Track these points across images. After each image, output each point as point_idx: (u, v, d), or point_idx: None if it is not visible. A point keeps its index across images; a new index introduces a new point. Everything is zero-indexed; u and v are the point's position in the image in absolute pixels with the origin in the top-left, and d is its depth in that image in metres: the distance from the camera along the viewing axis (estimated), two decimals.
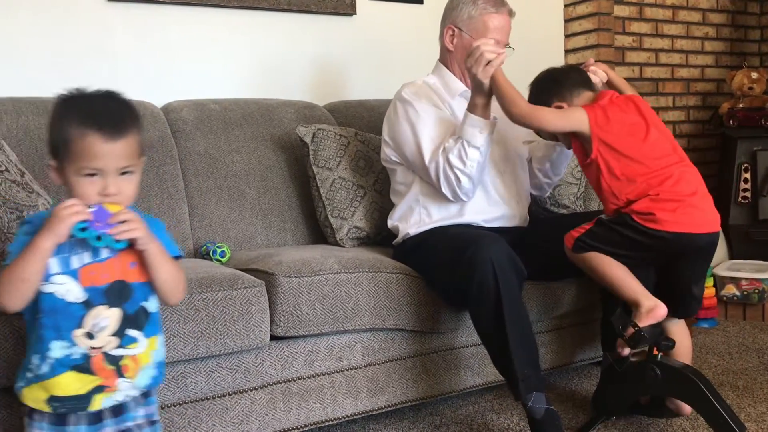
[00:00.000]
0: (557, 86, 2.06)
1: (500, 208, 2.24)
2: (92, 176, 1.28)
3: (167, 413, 1.79)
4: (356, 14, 3.09)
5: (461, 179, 2.09)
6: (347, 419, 2.07)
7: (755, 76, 3.74)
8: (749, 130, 3.64)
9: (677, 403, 2.02)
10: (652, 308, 1.90)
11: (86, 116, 1.28)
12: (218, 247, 2.26)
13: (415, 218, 2.24)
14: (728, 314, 3.33)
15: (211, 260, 2.23)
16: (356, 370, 2.06)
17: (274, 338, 1.93)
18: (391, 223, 2.33)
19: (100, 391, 1.31)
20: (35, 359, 1.30)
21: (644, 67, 3.87)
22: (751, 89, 3.73)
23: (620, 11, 3.76)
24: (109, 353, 1.31)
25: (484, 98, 2.04)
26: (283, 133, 2.64)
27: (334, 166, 2.48)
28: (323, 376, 2.01)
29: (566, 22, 3.74)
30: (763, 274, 3.28)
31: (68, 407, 1.30)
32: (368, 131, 2.65)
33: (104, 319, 1.30)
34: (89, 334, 1.29)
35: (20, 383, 1.33)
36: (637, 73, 3.84)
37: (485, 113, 2.05)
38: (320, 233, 2.55)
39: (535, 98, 2.06)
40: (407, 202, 2.27)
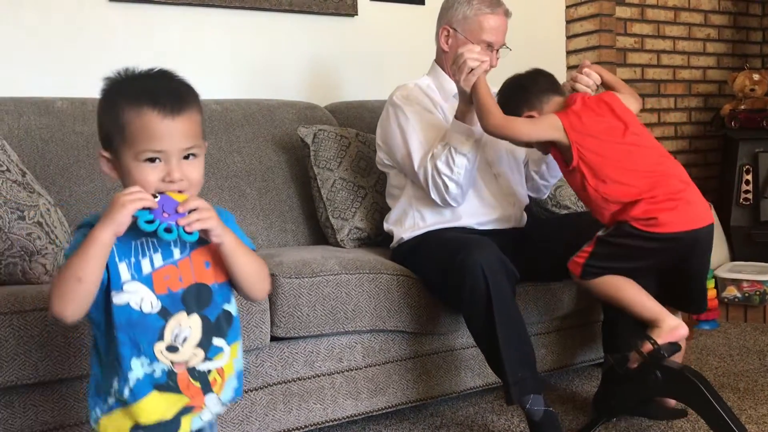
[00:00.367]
0: (525, 93, 2.01)
1: (494, 210, 2.23)
2: (153, 161, 1.15)
3: None
4: (358, 15, 3.09)
5: (449, 186, 2.08)
6: (347, 420, 2.07)
7: (757, 77, 3.74)
8: (751, 131, 3.64)
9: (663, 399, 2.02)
10: (675, 327, 1.87)
11: (141, 93, 1.15)
12: None
13: (409, 222, 2.24)
14: (729, 316, 3.33)
15: None
16: (357, 371, 2.06)
17: (274, 339, 1.93)
18: (386, 226, 2.32)
19: (187, 411, 1.19)
20: (115, 382, 1.15)
21: (646, 68, 3.87)
22: (752, 91, 3.73)
23: (622, 12, 3.76)
24: (194, 368, 1.18)
25: (468, 105, 2.03)
26: (284, 133, 2.64)
27: (335, 166, 2.48)
28: (323, 376, 2.01)
29: (568, 23, 3.74)
30: (764, 275, 3.28)
31: None
32: (369, 132, 2.65)
33: (186, 328, 1.17)
34: (171, 347, 1.16)
35: (97, 412, 1.18)
36: (638, 74, 3.83)
37: (470, 120, 2.04)
38: (321, 234, 2.55)
39: (504, 108, 1.99)
40: (401, 205, 2.26)
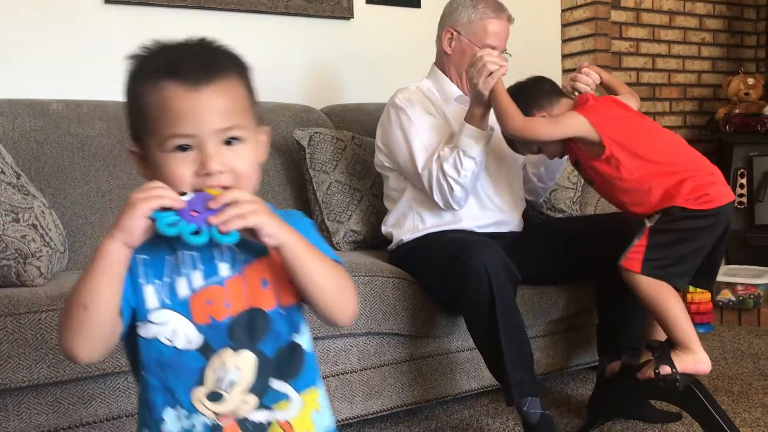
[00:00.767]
0: (532, 97, 2.02)
1: (494, 214, 2.24)
2: (184, 150, 0.91)
3: None
4: (353, 18, 3.09)
5: (454, 188, 2.08)
6: (342, 423, 2.07)
7: (751, 81, 3.75)
8: (745, 135, 3.65)
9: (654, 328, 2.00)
10: (701, 361, 1.87)
11: (160, 65, 0.93)
12: None
13: (408, 224, 2.24)
14: (724, 319, 3.34)
15: None
16: (352, 374, 2.06)
17: None
18: (385, 229, 2.32)
19: None
20: None
21: (641, 72, 3.88)
22: (747, 95, 3.74)
23: (617, 16, 3.77)
24: (247, 419, 0.92)
25: (482, 109, 2.03)
26: (279, 136, 2.64)
27: (330, 169, 2.48)
28: None
29: (563, 26, 3.75)
30: (758, 279, 3.29)
31: None
32: (365, 135, 2.65)
33: (233, 369, 0.91)
34: (214, 394, 0.91)
35: None
36: (633, 78, 3.84)
37: (482, 124, 2.04)
38: None
39: None
40: (400, 208, 2.26)
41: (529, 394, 1.86)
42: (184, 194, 0.90)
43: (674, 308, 1.86)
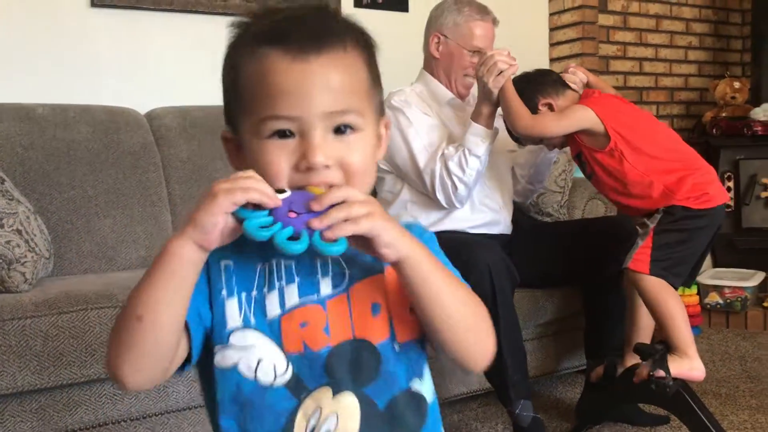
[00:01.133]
0: (539, 85, 2.06)
1: (485, 215, 2.24)
2: (283, 137, 0.74)
3: (148, 423, 1.77)
4: None
5: (458, 187, 2.09)
6: None
7: (737, 85, 3.77)
8: (732, 138, 3.66)
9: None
10: (696, 368, 1.88)
11: (263, 30, 0.77)
12: None
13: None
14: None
15: None
16: None
17: None
18: None
19: None
20: None
21: (628, 75, 3.89)
22: (733, 98, 3.76)
23: (605, 20, 3.78)
24: None
25: (490, 107, 2.04)
26: None
27: None
28: None
29: (551, 30, 3.75)
30: (746, 282, 3.30)
31: None
32: None
33: (331, 417, 0.73)
34: None
35: None
36: (621, 81, 3.85)
37: (489, 123, 2.06)
38: None
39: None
40: (395, 209, 2.26)
41: (522, 396, 1.86)
42: (281, 192, 0.73)
43: (677, 311, 1.88)
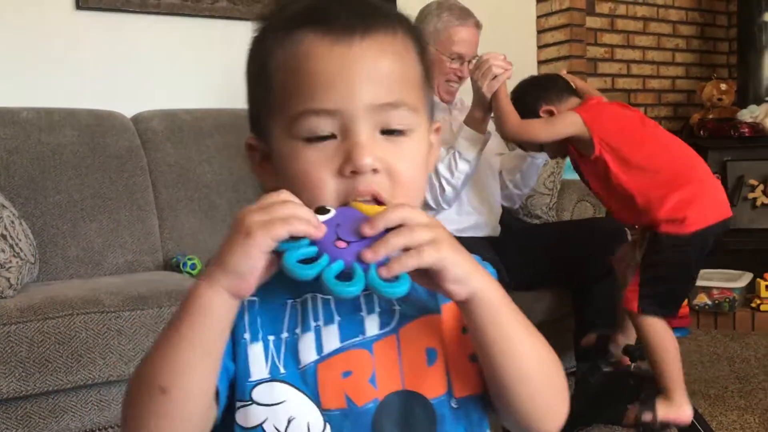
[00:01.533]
0: (544, 91, 2.04)
1: (471, 217, 2.24)
2: (322, 140, 0.63)
3: None
4: None
5: (446, 189, 2.09)
6: None
7: (724, 87, 3.79)
8: (719, 140, 3.68)
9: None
10: (683, 414, 1.87)
11: (298, 11, 0.66)
12: (189, 259, 2.23)
13: None
14: (700, 323, 3.36)
15: (181, 273, 2.20)
16: None
17: None
18: None
19: None
20: None
21: (616, 78, 3.90)
22: (720, 100, 3.78)
23: (592, 23, 3.79)
24: None
25: (483, 112, 2.03)
26: None
27: None
28: None
29: (539, 33, 3.76)
30: (734, 283, 3.31)
31: None
32: None
33: None
34: None
35: None
36: (609, 83, 3.87)
37: (481, 128, 2.05)
38: None
39: (519, 104, 2.01)
40: None
41: None
42: (323, 212, 0.59)
43: (668, 353, 1.87)
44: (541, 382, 0.63)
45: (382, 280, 0.56)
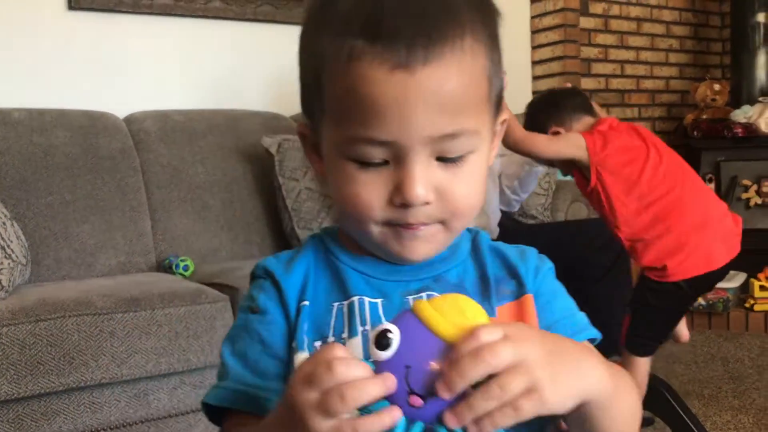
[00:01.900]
0: (556, 110, 1.99)
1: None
2: (375, 166, 0.60)
3: (128, 431, 1.75)
4: None
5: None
6: None
7: (718, 87, 3.80)
8: (713, 141, 3.69)
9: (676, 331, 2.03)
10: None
11: (354, 13, 0.58)
12: (181, 260, 2.22)
13: None
14: (694, 323, 3.36)
15: (174, 274, 2.19)
16: None
17: None
18: None
19: None
20: None
21: (610, 78, 3.91)
22: (714, 101, 3.79)
23: (586, 23, 3.80)
24: None
25: None
26: (248, 144, 2.61)
27: (300, 176, 2.45)
28: None
29: (533, 33, 3.76)
30: (728, 283, 3.32)
31: None
32: None
33: None
34: None
35: None
36: (603, 84, 3.87)
37: None
38: (287, 245, 2.52)
39: (531, 120, 1.98)
40: None
41: None
42: (384, 343, 0.50)
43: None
44: None
45: None
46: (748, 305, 3.29)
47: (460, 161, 0.60)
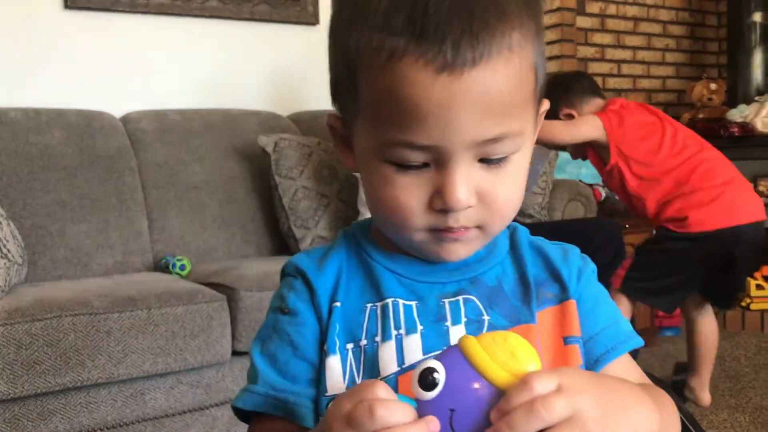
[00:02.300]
0: (566, 93, 2.01)
1: None
2: (415, 168, 0.57)
3: (125, 431, 1.74)
4: (319, 24, 3.07)
5: None
6: None
7: (714, 87, 3.81)
8: (709, 140, 3.65)
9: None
10: (701, 398, 2.08)
11: (393, 8, 0.54)
12: (178, 260, 2.21)
13: None
14: None
15: (170, 274, 2.19)
16: None
17: (235, 354, 1.89)
18: None
19: None
20: None
21: (607, 77, 3.91)
22: (710, 100, 3.80)
23: (583, 22, 3.80)
24: None
25: None
26: (245, 143, 2.61)
27: (296, 175, 2.45)
28: None
29: None
30: None
31: None
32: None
33: None
34: None
35: None
36: (600, 83, 3.86)
37: None
38: (284, 244, 2.52)
39: None
40: None
41: None
42: (430, 384, 0.47)
43: (711, 341, 2.00)
44: None
45: None
46: (744, 304, 3.29)
47: (503, 162, 0.58)
